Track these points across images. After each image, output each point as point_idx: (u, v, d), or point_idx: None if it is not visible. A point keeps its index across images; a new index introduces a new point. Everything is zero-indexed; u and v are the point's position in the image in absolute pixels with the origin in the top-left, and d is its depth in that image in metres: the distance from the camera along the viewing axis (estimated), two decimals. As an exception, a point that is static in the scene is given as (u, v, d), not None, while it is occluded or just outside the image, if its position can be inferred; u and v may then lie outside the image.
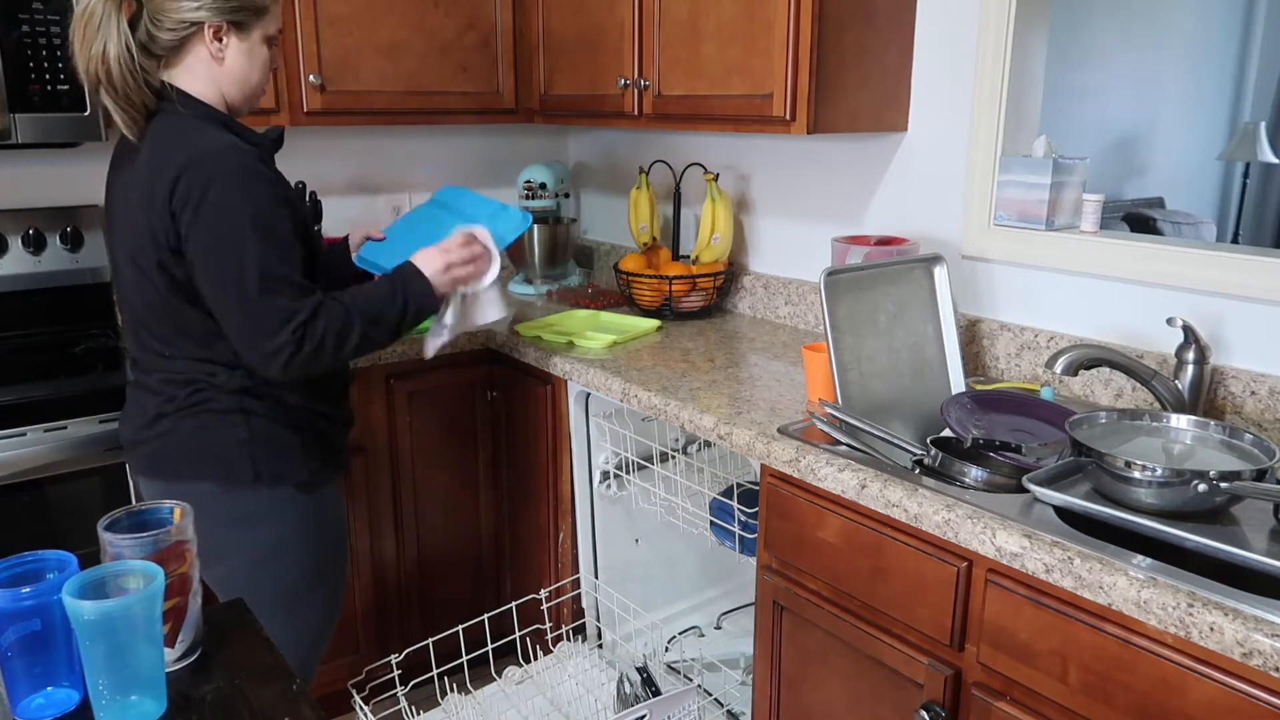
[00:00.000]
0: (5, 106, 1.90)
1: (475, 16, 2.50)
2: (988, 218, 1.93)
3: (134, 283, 1.51)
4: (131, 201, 1.47)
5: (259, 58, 1.53)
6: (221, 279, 1.42)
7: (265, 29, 1.52)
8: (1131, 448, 1.39)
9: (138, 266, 1.48)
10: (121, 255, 1.53)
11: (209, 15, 1.44)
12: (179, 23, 1.44)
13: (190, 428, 1.53)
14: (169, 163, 1.41)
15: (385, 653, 2.26)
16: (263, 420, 1.54)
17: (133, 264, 1.49)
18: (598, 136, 3.04)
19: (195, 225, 1.40)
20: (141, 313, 1.53)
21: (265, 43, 1.54)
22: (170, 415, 1.53)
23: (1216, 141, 4.98)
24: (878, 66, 1.98)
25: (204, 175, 1.39)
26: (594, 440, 2.21)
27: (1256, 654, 1.02)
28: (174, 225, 1.41)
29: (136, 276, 1.49)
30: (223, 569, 1.58)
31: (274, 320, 1.42)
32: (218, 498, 1.53)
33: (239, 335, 1.45)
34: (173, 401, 1.53)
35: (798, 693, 1.67)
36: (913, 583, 1.40)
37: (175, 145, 1.43)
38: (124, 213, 1.50)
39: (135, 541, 0.93)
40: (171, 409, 1.53)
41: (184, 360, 1.52)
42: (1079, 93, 4.31)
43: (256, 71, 1.54)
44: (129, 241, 1.48)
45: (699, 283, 2.43)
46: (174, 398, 1.53)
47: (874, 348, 1.71)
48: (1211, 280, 1.63)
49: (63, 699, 0.90)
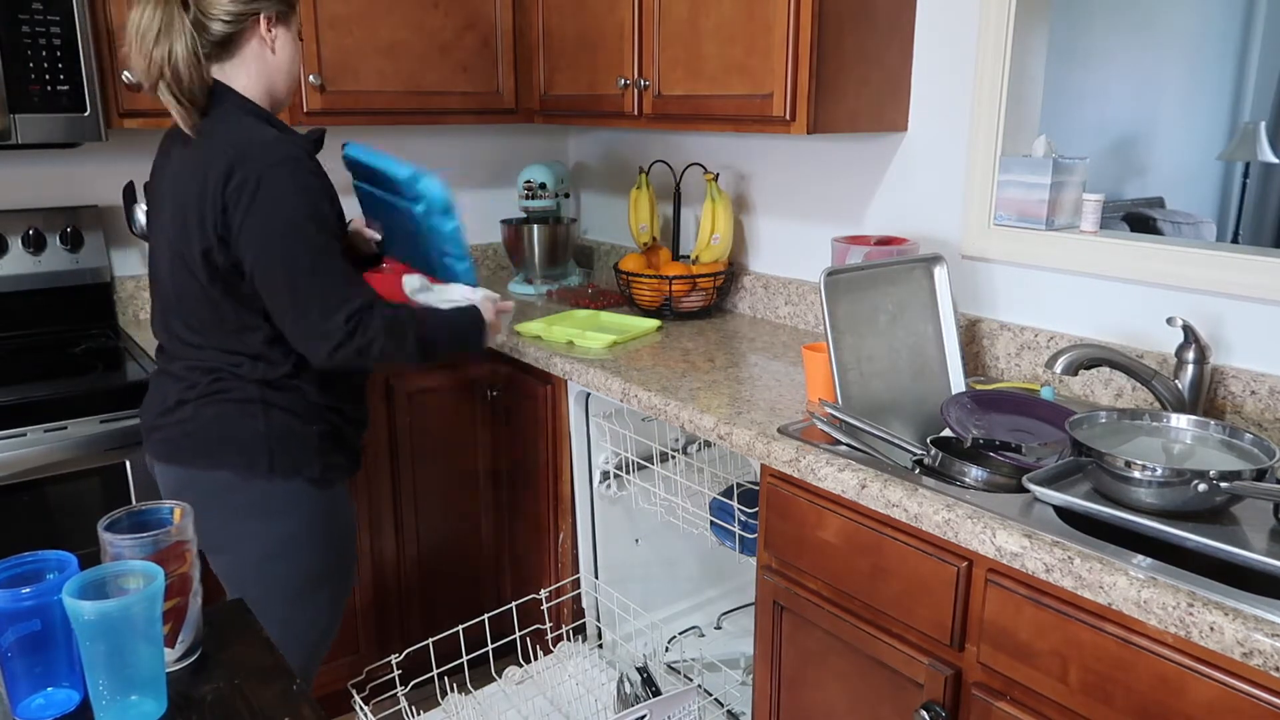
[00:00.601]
0: (5, 106, 1.90)
1: (475, 16, 2.50)
2: (988, 218, 1.93)
3: (172, 270, 1.54)
4: (180, 191, 1.50)
5: (295, 48, 1.60)
6: (278, 266, 1.46)
7: (297, 23, 1.61)
8: (1131, 448, 1.39)
9: (178, 254, 1.51)
10: (162, 242, 1.56)
11: (263, 6, 1.51)
12: (232, 14, 1.49)
13: (210, 415, 1.55)
14: (221, 154, 1.45)
15: (385, 653, 2.27)
16: (281, 413, 1.56)
17: (173, 251, 1.52)
18: (598, 136, 3.04)
19: (251, 215, 1.44)
20: (175, 301, 1.56)
21: (297, 31, 1.61)
22: (191, 402, 1.56)
23: (1216, 141, 4.98)
24: (878, 66, 1.98)
25: (258, 167, 1.44)
26: (594, 440, 2.21)
27: (1257, 654, 1.02)
28: (224, 216, 1.45)
29: (176, 264, 1.53)
30: (231, 559, 1.60)
31: (330, 306, 1.47)
32: (233, 486, 1.55)
33: (295, 320, 1.48)
34: (194, 388, 1.55)
35: (798, 693, 1.67)
36: (913, 583, 1.40)
37: (227, 139, 1.47)
38: (170, 201, 1.53)
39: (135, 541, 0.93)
40: (193, 395, 1.55)
41: (211, 350, 1.55)
42: (1079, 93, 4.31)
43: (294, 63, 1.61)
44: (171, 229, 1.52)
45: (699, 283, 2.43)
46: (196, 384, 1.55)
47: (874, 348, 1.71)
48: (1211, 280, 1.63)
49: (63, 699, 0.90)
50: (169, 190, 1.54)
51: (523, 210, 2.89)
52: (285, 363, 1.55)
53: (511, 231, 2.80)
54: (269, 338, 1.54)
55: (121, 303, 2.45)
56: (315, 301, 1.47)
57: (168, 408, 1.58)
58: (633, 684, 2.10)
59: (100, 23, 2.01)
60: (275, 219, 1.45)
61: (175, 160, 1.55)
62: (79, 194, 2.38)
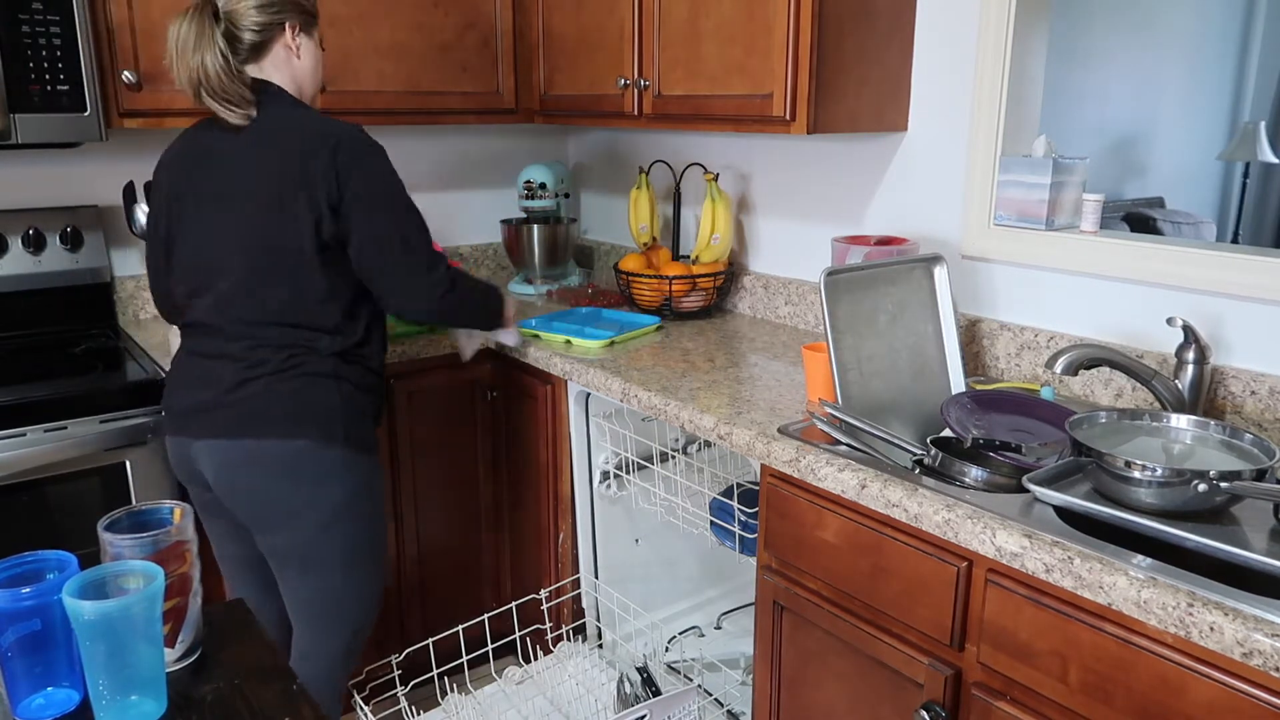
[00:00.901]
0: (5, 106, 1.90)
1: (475, 16, 2.50)
2: (988, 217, 1.93)
3: (249, 254, 1.63)
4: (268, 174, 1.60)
5: (319, 55, 1.75)
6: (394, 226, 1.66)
7: (318, 31, 1.75)
8: (1131, 448, 1.39)
9: (266, 236, 1.61)
10: (226, 230, 1.64)
11: (291, 18, 1.66)
12: (260, 24, 1.63)
13: (288, 389, 1.63)
14: (318, 134, 1.61)
15: (385, 653, 2.26)
16: (350, 385, 1.69)
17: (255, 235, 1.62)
18: (598, 136, 3.04)
19: (367, 179, 1.62)
20: (246, 283, 1.63)
21: (319, 38, 1.75)
22: (261, 378, 1.63)
23: (1216, 141, 4.98)
24: (878, 66, 1.98)
25: (362, 143, 1.63)
26: (594, 440, 2.21)
27: (1256, 654, 1.02)
28: (338, 183, 1.60)
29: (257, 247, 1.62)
30: (295, 528, 1.68)
31: (435, 259, 1.72)
32: (309, 454, 1.64)
33: (410, 270, 1.69)
34: (263, 365, 1.63)
35: (798, 693, 1.67)
36: (913, 583, 1.40)
37: (309, 123, 1.63)
38: (241, 190, 1.62)
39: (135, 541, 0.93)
40: (263, 373, 1.63)
41: (285, 328, 1.64)
42: (1079, 93, 4.31)
43: (319, 68, 1.76)
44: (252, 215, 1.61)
45: (699, 283, 2.43)
46: (265, 362, 1.63)
47: (874, 348, 1.71)
48: (1211, 280, 1.63)
49: (63, 699, 0.90)
50: (240, 180, 1.63)
51: (523, 210, 2.89)
52: (357, 333, 1.70)
53: (511, 231, 2.80)
54: (348, 310, 1.68)
55: (121, 303, 2.45)
56: (425, 255, 1.70)
57: (228, 387, 1.63)
58: (633, 684, 2.10)
59: (100, 23, 2.01)
60: (385, 186, 1.65)
61: (233, 153, 1.64)
62: (79, 194, 2.38)
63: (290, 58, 1.68)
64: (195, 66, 1.58)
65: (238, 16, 1.61)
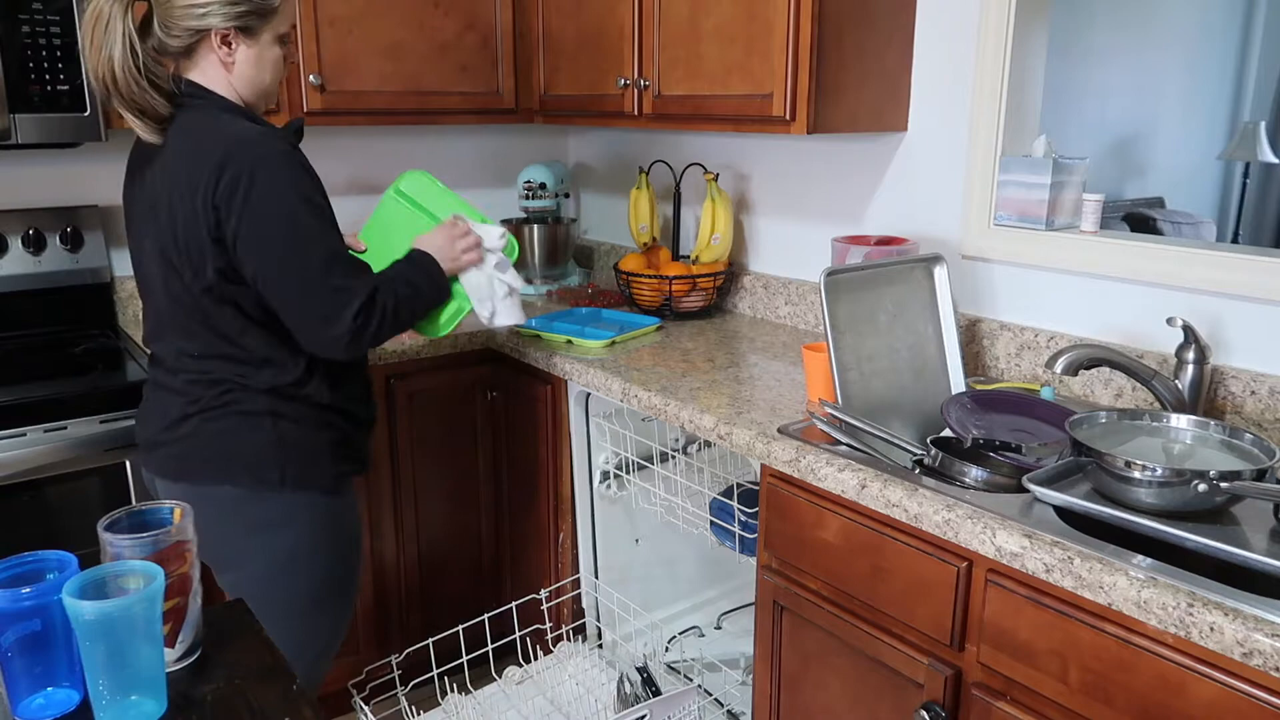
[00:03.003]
0: (5, 106, 1.90)
1: (475, 16, 2.50)
2: (988, 218, 1.93)
3: (163, 280, 1.49)
4: (163, 197, 1.45)
5: (269, 59, 1.51)
6: (281, 262, 1.43)
7: (275, 29, 1.50)
8: (1131, 448, 1.39)
9: (168, 262, 1.47)
10: (150, 252, 1.50)
11: (216, 22, 1.43)
12: (186, 30, 1.43)
13: (216, 430, 1.50)
14: (207, 154, 1.41)
15: (385, 653, 2.26)
16: (291, 423, 1.52)
17: (162, 260, 1.47)
18: (598, 136, 3.04)
19: (246, 212, 1.40)
20: (170, 313, 1.51)
21: (276, 42, 1.52)
22: (195, 416, 1.51)
23: (1216, 141, 4.98)
24: (877, 66, 1.98)
25: (248, 162, 1.40)
26: (594, 440, 2.21)
27: (1257, 654, 1.02)
28: (217, 215, 1.40)
29: (166, 273, 1.48)
30: (238, 575, 1.56)
31: (339, 299, 1.46)
32: (243, 501, 1.51)
33: (304, 317, 1.46)
34: (198, 402, 1.51)
35: (798, 693, 1.67)
36: (913, 583, 1.40)
37: (208, 137, 1.43)
38: (151, 210, 1.48)
39: (135, 541, 0.93)
40: (196, 410, 1.51)
41: (214, 360, 1.50)
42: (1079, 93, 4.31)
43: (267, 73, 1.53)
44: (159, 237, 1.46)
45: (699, 283, 2.43)
46: (200, 399, 1.51)
47: (874, 348, 1.71)
48: (1211, 280, 1.63)
49: (63, 699, 0.90)
50: (147, 198, 1.49)
51: (523, 210, 2.89)
52: (296, 365, 1.52)
53: (511, 231, 2.79)
54: (275, 339, 1.50)
55: (121, 303, 2.45)
56: (323, 299, 1.45)
57: (170, 423, 1.53)
58: (633, 684, 2.10)
59: (100, 23, 2.01)
60: (272, 216, 1.41)
61: (155, 166, 1.48)
62: (79, 194, 2.38)
63: (220, 63, 1.47)
64: (103, 60, 1.38)
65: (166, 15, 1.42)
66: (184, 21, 1.42)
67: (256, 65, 1.50)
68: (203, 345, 1.50)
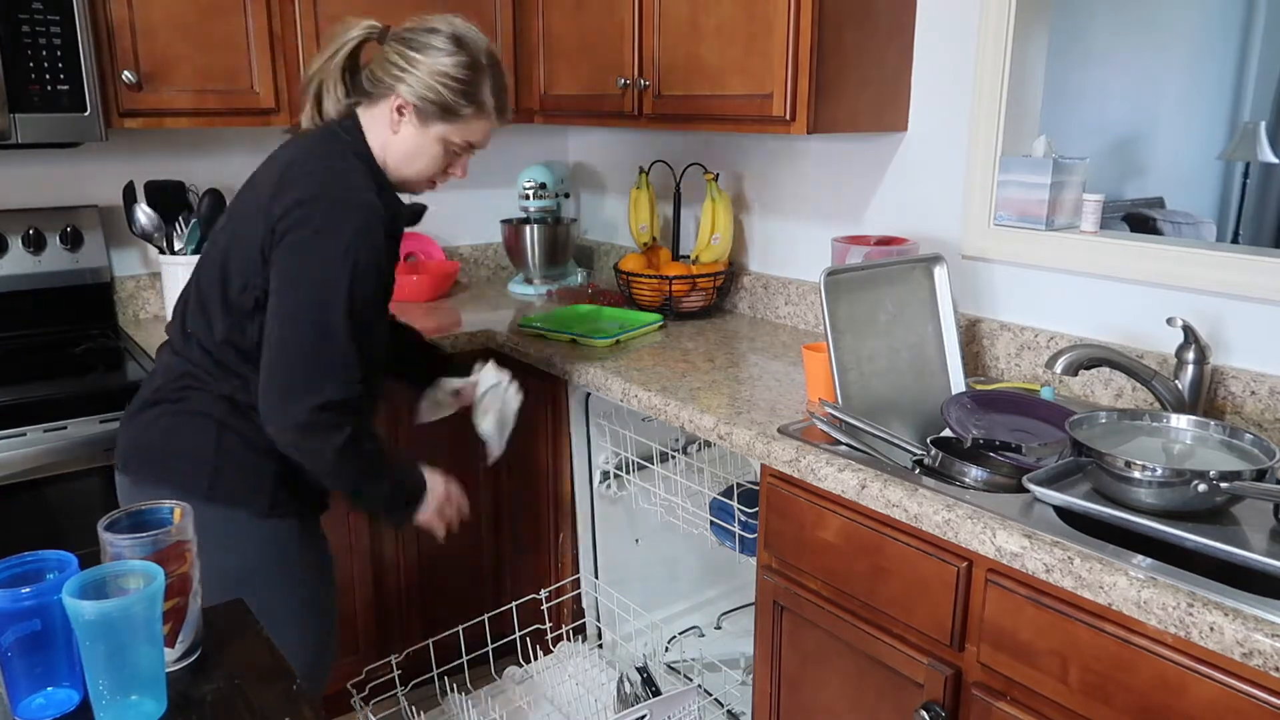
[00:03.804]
0: (5, 106, 1.90)
1: (475, 17, 2.46)
2: (988, 217, 1.93)
3: (214, 260, 1.49)
4: (251, 194, 1.49)
5: (427, 152, 1.52)
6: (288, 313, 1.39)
7: (447, 133, 1.51)
8: (1131, 448, 1.39)
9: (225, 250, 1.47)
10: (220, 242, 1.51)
11: (404, 90, 1.48)
12: (381, 81, 1.49)
13: (164, 425, 1.49)
14: (305, 176, 1.43)
15: (385, 653, 2.26)
16: (237, 438, 1.47)
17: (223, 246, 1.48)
18: (598, 136, 3.04)
19: (292, 256, 1.39)
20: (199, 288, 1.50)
21: (440, 143, 1.52)
22: (154, 406, 1.50)
23: (1216, 141, 4.98)
24: (877, 66, 1.98)
25: (325, 205, 1.40)
26: (594, 440, 2.21)
27: (1257, 654, 1.02)
28: (273, 237, 1.40)
29: (216, 258, 1.48)
30: None
31: (310, 384, 1.39)
32: None
33: (270, 373, 1.40)
34: (160, 391, 1.51)
35: (798, 693, 1.67)
36: (913, 583, 1.40)
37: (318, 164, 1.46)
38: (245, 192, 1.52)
39: (135, 541, 0.93)
40: (157, 399, 1.51)
41: (199, 350, 1.48)
42: (1079, 93, 4.31)
43: (419, 161, 1.53)
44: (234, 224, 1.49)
45: (699, 283, 2.43)
46: (162, 387, 1.51)
47: (874, 348, 1.71)
48: (1211, 280, 1.63)
49: (63, 699, 0.90)
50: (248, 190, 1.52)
51: (523, 210, 2.89)
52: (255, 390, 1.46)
53: (511, 231, 2.80)
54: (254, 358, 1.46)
55: (121, 303, 2.45)
56: (296, 373, 1.39)
57: (136, 407, 1.53)
58: (633, 684, 2.10)
59: (100, 23, 2.01)
60: (313, 264, 1.38)
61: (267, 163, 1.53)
62: (79, 194, 2.38)
63: (388, 124, 1.50)
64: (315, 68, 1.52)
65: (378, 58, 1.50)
66: (384, 74, 1.49)
67: (412, 149, 1.52)
68: (202, 329, 1.48)
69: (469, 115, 1.51)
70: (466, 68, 1.49)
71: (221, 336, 1.47)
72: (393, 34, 1.51)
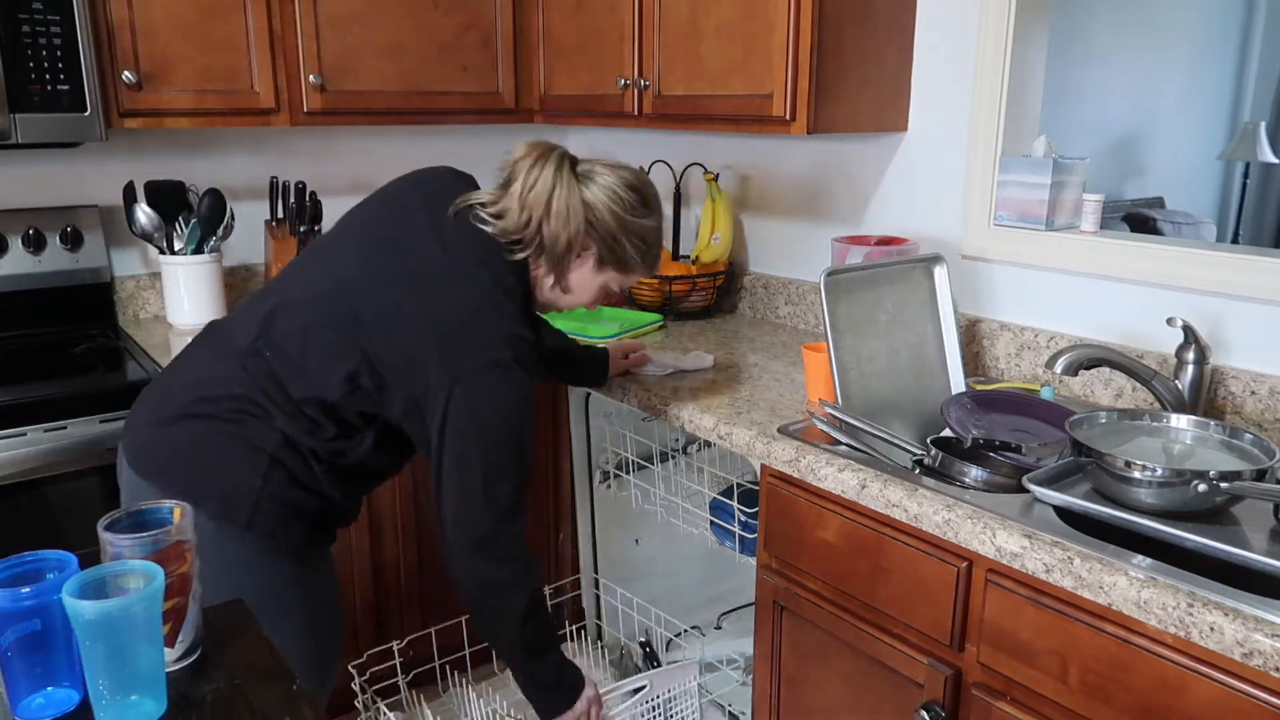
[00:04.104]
0: (5, 106, 1.90)
1: (475, 16, 2.50)
2: (988, 218, 1.93)
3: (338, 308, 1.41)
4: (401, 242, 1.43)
5: (587, 289, 1.54)
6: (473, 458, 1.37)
7: (609, 278, 1.54)
8: (1131, 448, 1.39)
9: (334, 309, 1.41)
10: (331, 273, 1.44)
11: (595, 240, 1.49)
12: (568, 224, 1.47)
13: (213, 447, 1.40)
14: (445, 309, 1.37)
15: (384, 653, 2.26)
16: (284, 474, 1.41)
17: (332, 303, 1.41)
18: (598, 136, 3.04)
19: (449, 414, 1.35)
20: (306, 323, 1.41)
21: (601, 287, 1.54)
22: (198, 419, 1.40)
23: (1216, 141, 4.98)
24: (877, 67, 1.98)
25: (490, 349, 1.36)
26: (594, 440, 2.21)
27: (1257, 654, 1.02)
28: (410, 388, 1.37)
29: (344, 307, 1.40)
30: None
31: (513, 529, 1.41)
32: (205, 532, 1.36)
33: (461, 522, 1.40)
34: (208, 404, 1.41)
35: (798, 692, 1.67)
36: (913, 583, 1.40)
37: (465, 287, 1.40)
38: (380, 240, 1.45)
39: (135, 541, 0.93)
40: (204, 411, 1.40)
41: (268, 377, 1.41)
42: (1079, 93, 4.31)
43: (576, 298, 1.55)
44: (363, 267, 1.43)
45: (699, 283, 2.43)
46: (211, 400, 1.41)
47: (874, 348, 1.71)
48: (1211, 280, 1.63)
49: (63, 699, 0.90)
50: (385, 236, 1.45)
51: (523, 210, 2.89)
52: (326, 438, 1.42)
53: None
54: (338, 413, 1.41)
55: (121, 303, 2.45)
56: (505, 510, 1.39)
57: (174, 414, 1.42)
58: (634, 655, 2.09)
59: (100, 23, 2.01)
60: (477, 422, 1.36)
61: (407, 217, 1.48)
62: (79, 194, 2.38)
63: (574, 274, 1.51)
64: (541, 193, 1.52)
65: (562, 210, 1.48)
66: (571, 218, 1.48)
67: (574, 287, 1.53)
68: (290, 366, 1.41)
69: (637, 269, 1.55)
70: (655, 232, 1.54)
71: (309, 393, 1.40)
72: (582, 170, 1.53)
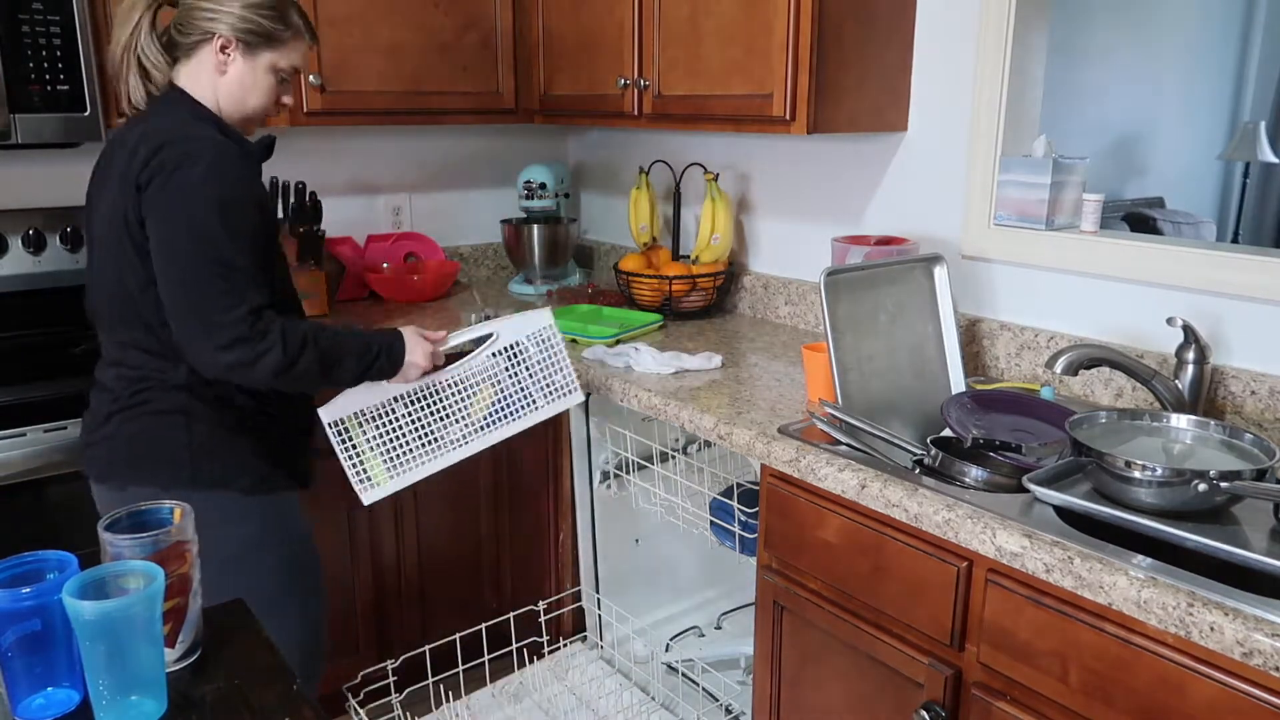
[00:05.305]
0: (5, 106, 1.90)
1: (475, 16, 2.50)
2: (988, 217, 1.93)
3: (100, 266, 1.50)
4: (109, 180, 1.48)
5: (259, 84, 1.55)
6: (176, 255, 1.39)
7: (275, 60, 1.55)
8: (1131, 448, 1.39)
9: (105, 247, 1.48)
10: (95, 238, 1.52)
11: (223, 29, 1.50)
12: (197, 29, 1.50)
13: (132, 431, 1.50)
14: (149, 138, 1.43)
15: (384, 653, 2.26)
16: (205, 424, 1.50)
17: (101, 245, 1.49)
18: (598, 136, 3.04)
19: (160, 196, 1.39)
20: (103, 298, 1.52)
21: (271, 72, 1.55)
22: (116, 415, 1.51)
23: (1216, 141, 4.97)
24: (877, 66, 1.98)
25: (179, 152, 1.40)
26: (594, 440, 2.21)
27: (1257, 654, 1.02)
28: (138, 195, 1.41)
29: (103, 259, 1.49)
30: None
31: (225, 304, 1.39)
32: None
33: (184, 316, 1.40)
34: (118, 400, 1.51)
35: (798, 692, 1.67)
36: (913, 583, 1.40)
37: (161, 128, 1.45)
38: (100, 191, 1.51)
39: (135, 541, 0.93)
40: (117, 408, 1.51)
41: (137, 352, 1.49)
42: (1079, 93, 4.31)
43: (254, 96, 1.56)
44: (100, 223, 1.49)
45: (699, 283, 2.43)
46: (119, 396, 1.51)
47: (874, 348, 1.71)
48: (1211, 280, 1.63)
49: (63, 699, 0.90)
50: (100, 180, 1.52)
51: (523, 210, 2.89)
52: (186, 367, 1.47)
53: (511, 231, 2.80)
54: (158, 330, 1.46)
55: (121, 303, 2.45)
56: (210, 298, 1.38)
57: (96, 423, 1.53)
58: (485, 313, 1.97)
59: (100, 22, 2.01)
60: (185, 203, 1.39)
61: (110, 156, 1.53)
62: (79, 194, 2.35)
63: (214, 68, 1.51)
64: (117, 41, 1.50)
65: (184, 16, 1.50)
66: (197, 21, 1.50)
67: (244, 84, 1.54)
68: (128, 334, 1.49)
69: (289, 38, 1.56)
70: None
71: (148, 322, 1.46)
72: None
